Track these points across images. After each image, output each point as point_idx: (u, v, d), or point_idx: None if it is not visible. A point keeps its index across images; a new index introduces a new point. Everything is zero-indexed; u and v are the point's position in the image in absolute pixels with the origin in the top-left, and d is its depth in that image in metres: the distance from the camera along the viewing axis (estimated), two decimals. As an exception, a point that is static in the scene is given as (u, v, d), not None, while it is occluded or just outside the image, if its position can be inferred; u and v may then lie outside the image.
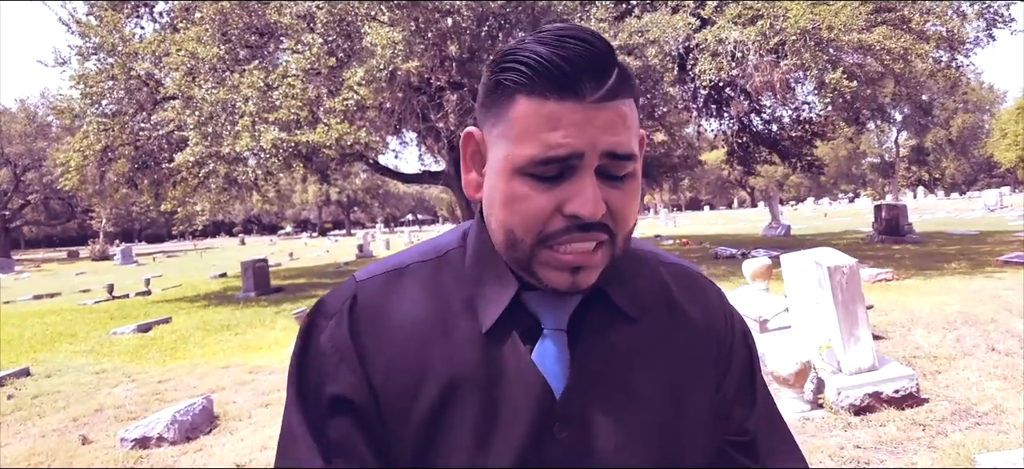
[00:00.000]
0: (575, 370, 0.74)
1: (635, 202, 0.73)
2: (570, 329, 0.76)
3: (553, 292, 0.73)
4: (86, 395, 6.59)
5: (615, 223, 0.71)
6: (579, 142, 0.67)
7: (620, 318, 0.78)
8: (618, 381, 0.76)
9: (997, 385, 5.06)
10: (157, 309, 12.83)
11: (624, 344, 0.77)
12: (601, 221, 0.69)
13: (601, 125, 0.67)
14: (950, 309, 7.79)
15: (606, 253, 0.72)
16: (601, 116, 0.67)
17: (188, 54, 10.47)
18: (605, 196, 0.69)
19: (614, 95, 0.68)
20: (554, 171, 0.68)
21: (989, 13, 13.43)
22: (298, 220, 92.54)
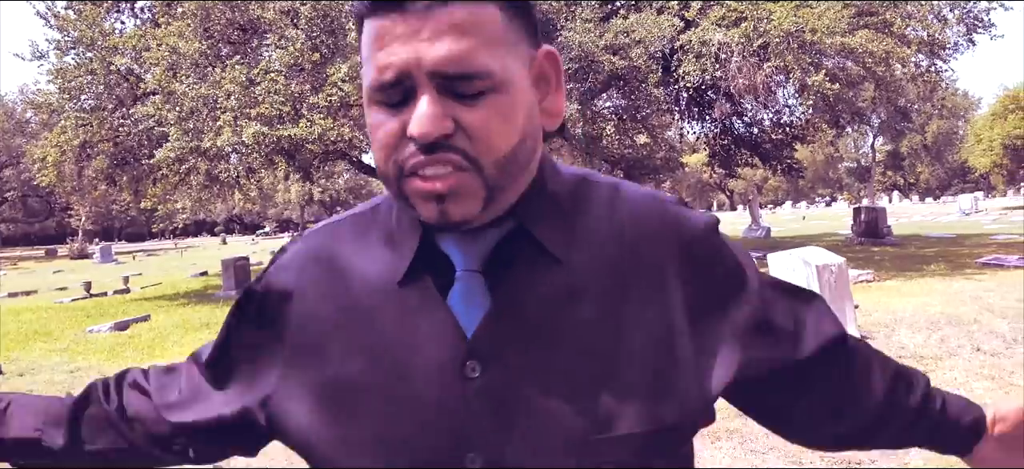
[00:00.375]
0: (492, 310, 0.68)
1: (499, 122, 0.64)
2: (490, 270, 0.70)
3: (467, 232, 0.69)
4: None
5: (473, 145, 0.63)
6: (400, 59, 0.61)
7: (545, 257, 0.71)
8: (543, 323, 0.69)
9: (985, 385, 5.14)
10: (136, 307, 12.69)
11: (550, 283, 0.70)
12: (451, 143, 0.62)
13: (427, 37, 0.61)
14: (933, 310, 7.90)
15: (474, 179, 0.64)
16: (427, 27, 0.61)
17: (169, 49, 10.35)
18: (455, 114, 0.62)
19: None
20: (398, 95, 0.63)
21: (969, 18, 13.73)
22: (280, 220, 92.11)
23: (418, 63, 0.60)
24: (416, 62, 0.60)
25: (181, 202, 14.43)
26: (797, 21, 10.27)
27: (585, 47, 11.36)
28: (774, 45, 10.45)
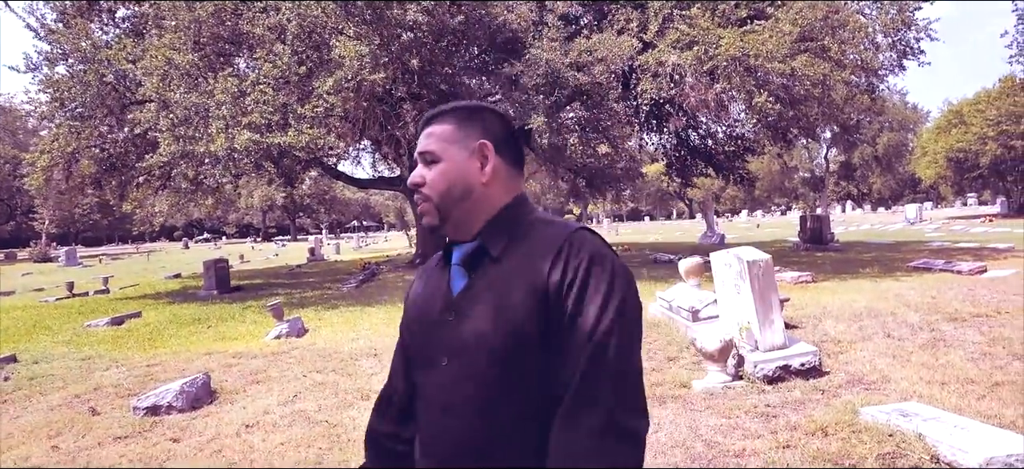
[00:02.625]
0: (465, 285, 1.29)
1: (437, 178, 1.31)
2: (467, 264, 1.31)
3: (460, 244, 1.34)
4: (80, 377, 7.06)
5: (428, 188, 1.31)
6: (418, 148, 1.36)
7: (489, 257, 1.28)
8: (486, 292, 1.25)
9: (887, 361, 6.05)
10: (122, 305, 13.10)
11: (491, 271, 1.27)
12: (421, 189, 1.32)
13: (421, 139, 1.35)
14: (858, 305, 8.79)
15: (430, 206, 1.32)
16: (422, 135, 1.35)
17: (165, 59, 10.91)
18: (425, 174, 1.32)
19: (428, 124, 1.35)
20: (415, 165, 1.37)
21: (901, 44, 14.89)
22: (240, 225, 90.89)
23: (417, 152, 1.35)
24: (417, 152, 1.35)
25: (158, 206, 14.88)
26: (743, 46, 11.26)
27: (552, 64, 12.18)
28: (722, 68, 11.44)
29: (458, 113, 1.35)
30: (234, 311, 11.35)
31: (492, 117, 1.38)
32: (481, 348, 1.23)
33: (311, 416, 5.14)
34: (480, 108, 1.39)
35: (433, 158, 1.32)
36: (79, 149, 12.91)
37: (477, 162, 1.33)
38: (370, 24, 11.46)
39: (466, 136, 1.34)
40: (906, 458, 3.65)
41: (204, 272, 14.82)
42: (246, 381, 6.42)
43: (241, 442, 4.63)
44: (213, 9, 11.35)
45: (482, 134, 1.34)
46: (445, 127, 1.33)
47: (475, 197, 1.32)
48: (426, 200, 1.32)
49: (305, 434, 4.70)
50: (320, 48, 11.40)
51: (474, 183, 1.32)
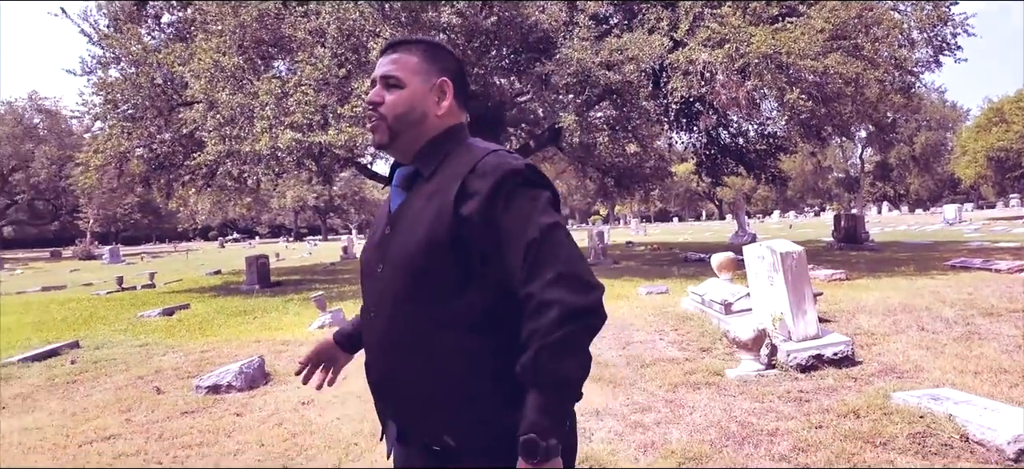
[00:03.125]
0: (402, 201, 1.46)
1: (397, 101, 1.44)
2: (404, 184, 1.49)
3: (402, 166, 1.50)
4: (141, 361, 7.47)
5: (386, 109, 1.45)
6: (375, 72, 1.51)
7: (421, 177, 1.45)
8: (416, 207, 1.41)
9: (920, 353, 6.15)
10: (170, 298, 13.62)
11: (423, 189, 1.43)
12: (378, 108, 1.45)
13: (384, 62, 1.48)
14: (892, 301, 8.80)
15: (384, 126, 1.45)
16: (385, 59, 1.49)
17: (212, 62, 11.38)
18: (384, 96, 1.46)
19: (394, 50, 1.50)
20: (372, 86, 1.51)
21: (937, 40, 14.79)
22: (272, 225, 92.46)
23: (377, 73, 1.50)
24: (376, 73, 1.50)
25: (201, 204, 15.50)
26: (774, 44, 11.34)
27: (582, 63, 12.37)
28: (753, 66, 11.53)
29: (423, 47, 1.49)
30: (277, 304, 11.77)
31: (451, 58, 1.53)
32: (401, 256, 1.39)
33: (361, 395, 5.43)
34: (442, 47, 1.54)
35: (396, 83, 1.45)
36: (130, 149, 13.49)
37: (435, 96, 1.47)
38: (405, 26, 11.79)
39: (429, 71, 1.47)
40: (936, 437, 3.81)
41: (246, 268, 15.31)
42: (296, 365, 6.73)
43: (300, 417, 4.94)
44: (257, 14, 11.79)
45: (442, 71, 1.49)
46: (411, 58, 1.46)
47: (425, 126, 1.46)
48: (381, 119, 1.45)
49: (357, 410, 4.99)
50: (358, 50, 11.76)
51: (429, 113, 1.45)
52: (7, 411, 5.73)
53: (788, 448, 3.90)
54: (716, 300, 7.90)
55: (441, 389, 1.36)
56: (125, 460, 4.20)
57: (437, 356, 1.36)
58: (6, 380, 6.82)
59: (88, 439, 4.70)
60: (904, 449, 3.69)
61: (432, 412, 1.38)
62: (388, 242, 1.44)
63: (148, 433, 4.77)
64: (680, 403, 4.90)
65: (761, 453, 3.87)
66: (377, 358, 1.45)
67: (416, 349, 1.37)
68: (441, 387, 1.36)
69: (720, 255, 9.72)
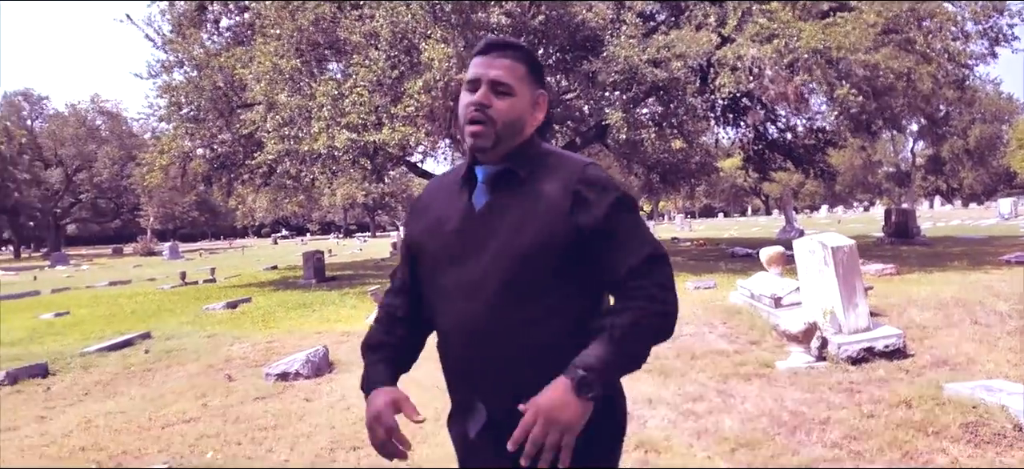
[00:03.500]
0: (490, 200, 1.49)
1: (508, 109, 1.45)
2: (491, 183, 1.50)
3: (488, 164, 1.51)
4: (210, 350, 7.90)
5: (495, 113, 1.45)
6: (478, 71, 1.48)
7: (515, 178, 1.48)
8: (521, 205, 1.45)
9: (973, 346, 6.15)
10: (232, 292, 14.20)
11: (522, 189, 1.47)
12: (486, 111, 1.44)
13: (491, 66, 1.47)
14: (944, 295, 8.62)
15: (491, 131, 1.45)
16: (493, 62, 1.47)
17: (271, 66, 11.87)
18: (491, 100, 1.45)
19: (500, 54, 1.49)
20: (472, 88, 1.48)
21: (992, 31, 14.43)
22: (322, 222, 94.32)
23: (486, 74, 1.47)
24: (484, 73, 1.47)
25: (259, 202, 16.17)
26: (824, 39, 11.28)
27: (629, 60, 12.49)
28: (803, 61, 11.49)
29: (527, 57, 1.53)
30: (334, 297, 12.20)
31: (543, 72, 1.61)
32: (509, 250, 1.43)
33: (421, 382, 5.64)
34: (539, 61, 1.61)
35: (506, 90, 1.47)
36: (193, 149, 14.14)
37: (532, 108, 1.53)
38: (456, 27, 12.09)
39: (533, 82, 1.53)
40: (988, 426, 3.89)
41: (304, 263, 15.85)
42: (358, 355, 7.01)
43: (366, 402, 5.23)
44: (313, 18, 12.23)
45: (541, 84, 1.57)
46: (519, 66, 1.50)
47: (522, 133, 1.50)
48: (490, 123, 1.45)
49: (420, 397, 5.18)
50: (410, 52, 12.11)
51: (527, 124, 1.51)
52: (90, 396, 6.17)
53: (840, 436, 4.02)
54: (765, 294, 7.97)
55: (542, 380, 1.40)
56: (205, 442, 4.52)
57: (538, 347, 1.44)
58: (87, 368, 7.31)
59: (169, 422, 5.06)
60: (956, 438, 3.79)
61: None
62: (482, 235, 1.47)
63: (225, 417, 5.11)
64: (731, 393, 5.04)
65: (813, 440, 4.00)
66: (469, 344, 1.48)
67: (517, 338, 1.44)
68: (542, 378, 1.40)
69: (769, 249, 9.74)
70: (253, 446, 4.28)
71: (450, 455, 1.71)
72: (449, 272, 1.51)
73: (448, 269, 1.51)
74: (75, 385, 6.62)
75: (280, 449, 4.19)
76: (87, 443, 4.57)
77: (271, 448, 4.22)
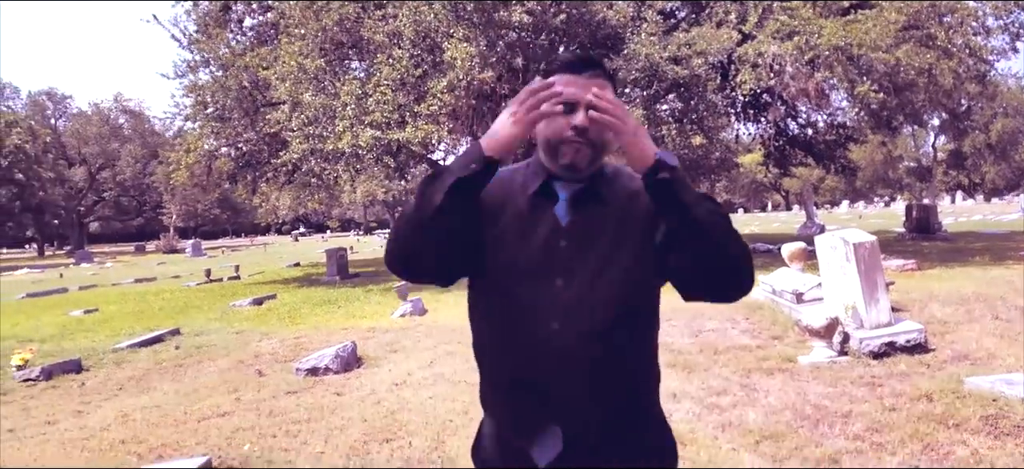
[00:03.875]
0: (573, 218, 1.41)
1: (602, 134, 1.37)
2: (573, 200, 1.42)
3: (566, 180, 1.43)
4: (239, 346, 8.10)
5: (595, 136, 1.37)
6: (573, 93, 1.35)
7: (599, 197, 1.43)
8: (601, 225, 1.41)
9: (994, 341, 6.21)
10: (256, 289, 14.47)
11: (600, 209, 1.42)
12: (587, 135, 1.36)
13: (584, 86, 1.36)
14: (966, 290, 8.75)
15: (589, 154, 1.38)
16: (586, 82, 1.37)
17: (296, 65, 12.07)
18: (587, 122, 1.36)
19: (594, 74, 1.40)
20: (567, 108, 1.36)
21: (1014, 26, 14.33)
22: (342, 219, 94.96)
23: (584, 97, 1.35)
24: (582, 96, 1.35)
25: (282, 200, 16.44)
26: (845, 36, 11.28)
27: (650, 58, 12.53)
28: (824, 58, 11.49)
29: (611, 77, 1.48)
30: (358, 294, 12.40)
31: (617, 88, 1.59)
32: (614, 270, 1.39)
33: (449, 378, 5.85)
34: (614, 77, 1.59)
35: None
36: (218, 148, 14.40)
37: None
38: (478, 26, 12.20)
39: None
40: (1008, 419, 3.96)
41: (327, 260, 16.08)
42: (385, 350, 7.24)
43: (395, 396, 5.38)
44: (338, 18, 12.41)
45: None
46: (608, 87, 1.42)
47: (605, 155, 1.47)
48: (591, 147, 1.39)
49: (448, 391, 5.41)
50: (433, 51, 12.25)
51: (611, 146, 1.45)
52: (124, 391, 6.37)
53: (862, 428, 4.10)
54: (787, 290, 8.03)
55: (631, 404, 1.43)
56: (241, 434, 4.67)
57: (632, 371, 1.44)
58: (119, 364, 7.52)
59: (205, 416, 5.21)
60: (977, 430, 3.86)
61: (622, 431, 1.43)
62: (576, 254, 1.41)
63: (259, 410, 5.27)
64: (754, 387, 5.13)
65: (836, 433, 4.08)
66: (559, 366, 1.38)
67: (615, 362, 1.40)
68: (632, 403, 1.43)
69: (791, 245, 9.80)
70: (288, 439, 4.43)
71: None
72: (534, 289, 1.40)
73: (533, 285, 1.40)
74: (109, 380, 6.81)
75: (314, 442, 4.34)
76: (126, 436, 4.74)
77: (305, 441, 4.37)
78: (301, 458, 4.07)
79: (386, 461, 3.93)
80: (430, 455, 3.98)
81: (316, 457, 4.07)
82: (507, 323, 1.43)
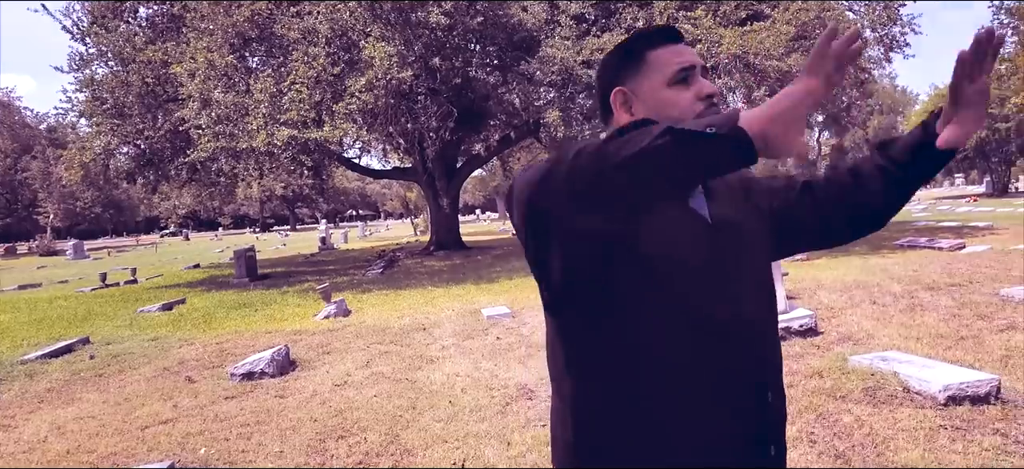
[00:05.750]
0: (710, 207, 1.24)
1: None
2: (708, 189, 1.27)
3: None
4: (159, 353, 7.92)
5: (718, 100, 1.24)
6: (690, 58, 1.23)
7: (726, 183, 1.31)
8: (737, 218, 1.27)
9: (872, 323, 7.01)
10: (161, 294, 13.93)
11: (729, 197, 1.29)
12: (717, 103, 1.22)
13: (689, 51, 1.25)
14: (848, 278, 9.81)
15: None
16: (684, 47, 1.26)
17: (206, 61, 11.76)
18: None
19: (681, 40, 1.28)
20: (684, 77, 1.21)
21: (887, 39, 15.88)
22: (236, 216, 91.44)
23: (699, 64, 1.23)
24: (698, 63, 1.23)
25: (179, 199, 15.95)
26: (743, 45, 12.22)
27: (565, 61, 13.09)
28: (723, 65, 12.40)
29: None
30: (273, 296, 12.24)
31: None
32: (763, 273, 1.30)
33: (390, 376, 6.07)
34: None
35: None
36: (117, 145, 13.78)
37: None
38: (395, 26, 12.31)
39: None
40: (884, 390, 4.62)
41: (235, 261, 15.66)
42: (317, 352, 7.33)
43: (340, 396, 5.55)
44: (249, 13, 12.18)
45: None
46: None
47: None
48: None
49: (392, 388, 5.63)
50: (350, 49, 12.26)
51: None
52: (46, 404, 6.17)
53: (768, 405, 4.66)
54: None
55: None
56: (192, 439, 4.74)
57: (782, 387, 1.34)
58: (31, 376, 7.20)
59: (146, 423, 5.20)
60: (859, 400, 4.49)
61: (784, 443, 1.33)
62: (732, 254, 1.23)
63: (203, 416, 5.30)
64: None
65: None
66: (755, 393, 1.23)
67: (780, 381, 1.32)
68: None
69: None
70: (242, 441, 4.54)
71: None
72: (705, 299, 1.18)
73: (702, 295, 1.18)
74: (26, 393, 6.54)
75: (269, 443, 4.48)
76: (70, 447, 4.69)
77: (260, 442, 4.49)
78: (261, 458, 4.21)
79: (346, 456, 4.14)
80: (388, 447, 4.22)
81: (277, 456, 4.21)
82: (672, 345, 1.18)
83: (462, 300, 10.45)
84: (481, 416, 4.72)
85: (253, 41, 13.01)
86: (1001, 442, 3.69)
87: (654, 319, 1.16)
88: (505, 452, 4.02)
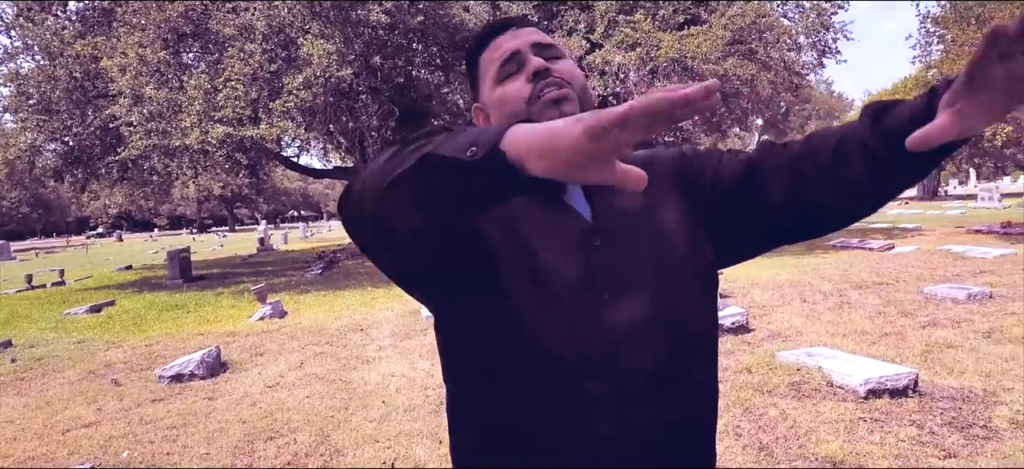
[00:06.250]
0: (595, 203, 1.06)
1: (574, 70, 1.08)
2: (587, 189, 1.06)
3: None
4: (84, 356, 7.63)
5: (567, 76, 1.05)
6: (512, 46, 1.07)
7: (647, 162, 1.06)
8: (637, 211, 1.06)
9: (801, 320, 7.26)
10: (89, 296, 13.39)
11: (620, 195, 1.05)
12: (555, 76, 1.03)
13: (524, 36, 1.08)
14: (781, 278, 10.14)
15: (573, 94, 1.03)
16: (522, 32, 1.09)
17: (137, 57, 11.35)
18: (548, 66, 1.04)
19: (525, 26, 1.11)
20: (513, 67, 1.06)
21: (820, 45, 16.51)
22: (172, 216, 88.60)
23: (525, 44, 1.07)
24: (524, 44, 1.07)
25: (111, 199, 15.35)
26: (681, 49, 12.49)
27: (507, 61, 13.12)
28: (662, 68, 12.65)
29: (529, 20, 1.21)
30: (207, 298, 11.91)
31: None
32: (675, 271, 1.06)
33: (323, 377, 5.98)
34: None
35: (557, 54, 1.11)
36: (43, 142, 13.19)
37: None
38: (335, 24, 12.13)
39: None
40: (809, 384, 4.78)
41: (169, 262, 15.18)
42: (249, 354, 7.17)
43: (270, 397, 5.44)
44: (183, 9, 11.82)
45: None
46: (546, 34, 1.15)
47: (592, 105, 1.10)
48: (567, 85, 1.05)
49: (324, 389, 5.54)
50: (288, 46, 12.02)
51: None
52: (-39, 407, 5.89)
53: (697, 400, 4.76)
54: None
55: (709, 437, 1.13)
56: (115, 442, 4.58)
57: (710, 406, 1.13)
58: (-54, 378, 6.88)
59: (68, 427, 5.01)
60: (785, 394, 4.64)
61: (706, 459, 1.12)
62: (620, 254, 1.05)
63: (128, 419, 5.13)
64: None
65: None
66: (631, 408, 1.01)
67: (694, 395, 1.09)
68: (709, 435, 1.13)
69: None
70: (167, 444, 4.40)
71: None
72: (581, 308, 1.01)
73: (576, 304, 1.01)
74: (-60, 397, 6.26)
75: (196, 445, 4.35)
76: (-16, 452, 4.49)
77: (186, 444, 4.37)
78: (186, 460, 4.09)
79: (274, 457, 4.05)
80: (318, 448, 4.15)
81: (202, 458, 4.10)
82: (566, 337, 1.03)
83: (402, 300, 10.37)
84: (414, 416, 4.69)
85: (187, 36, 12.62)
86: (916, 433, 3.86)
87: (507, 339, 1.02)
88: (437, 451, 4.00)
